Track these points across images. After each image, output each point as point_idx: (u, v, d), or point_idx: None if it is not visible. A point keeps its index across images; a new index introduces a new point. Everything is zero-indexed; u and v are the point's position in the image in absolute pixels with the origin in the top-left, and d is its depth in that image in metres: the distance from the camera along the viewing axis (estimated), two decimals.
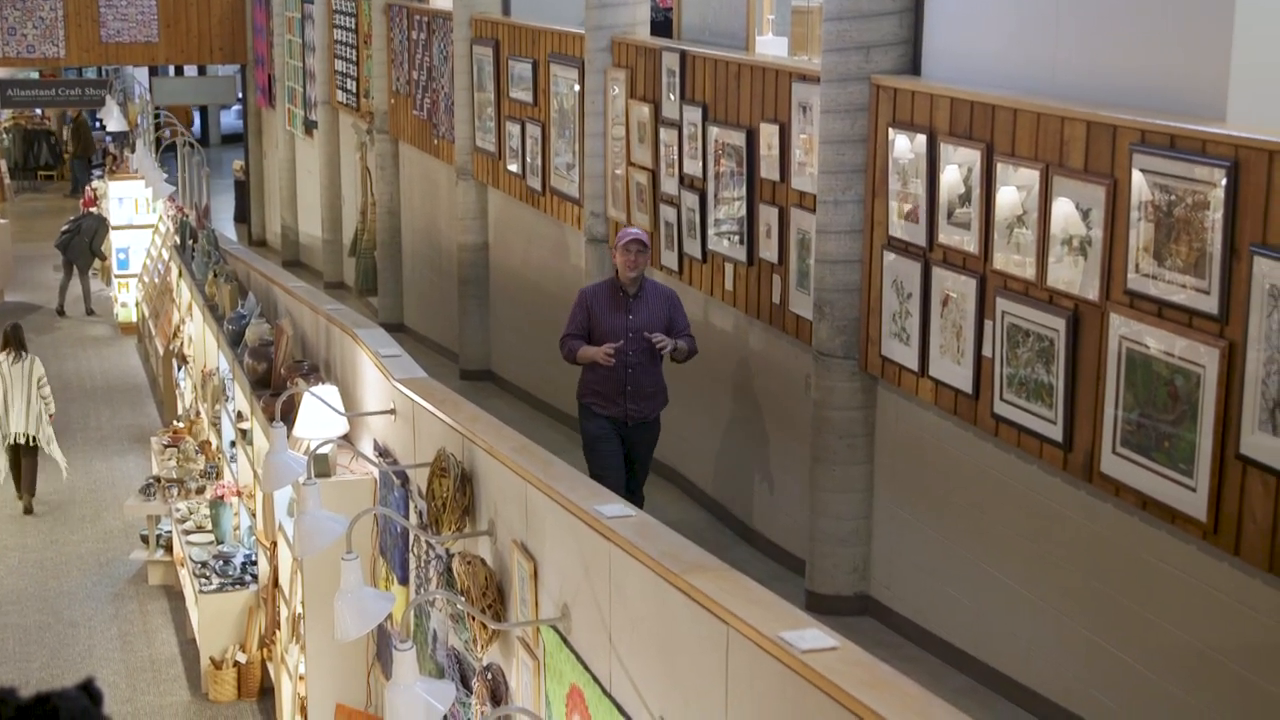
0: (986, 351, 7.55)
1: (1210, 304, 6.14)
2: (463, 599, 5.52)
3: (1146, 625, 6.80)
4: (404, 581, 6.73)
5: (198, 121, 35.86)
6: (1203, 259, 6.16)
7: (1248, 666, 6.26)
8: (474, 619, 5.55)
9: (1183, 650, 6.60)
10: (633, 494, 9.35)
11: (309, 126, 20.57)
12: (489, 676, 5.53)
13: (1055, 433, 7.11)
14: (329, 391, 7.47)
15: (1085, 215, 6.81)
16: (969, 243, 7.64)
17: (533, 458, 5.33)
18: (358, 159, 18.53)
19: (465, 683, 5.87)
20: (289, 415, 7.43)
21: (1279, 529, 5.89)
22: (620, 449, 9.42)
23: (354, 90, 18.38)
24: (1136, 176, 6.47)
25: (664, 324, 9.29)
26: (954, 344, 7.78)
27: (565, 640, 4.89)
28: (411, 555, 6.61)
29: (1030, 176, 7.15)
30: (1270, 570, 5.97)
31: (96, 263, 20.52)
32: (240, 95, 25.93)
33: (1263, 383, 5.89)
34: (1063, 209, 6.95)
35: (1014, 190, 7.27)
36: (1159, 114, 6.58)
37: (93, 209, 20.84)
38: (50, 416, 13.12)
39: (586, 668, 4.72)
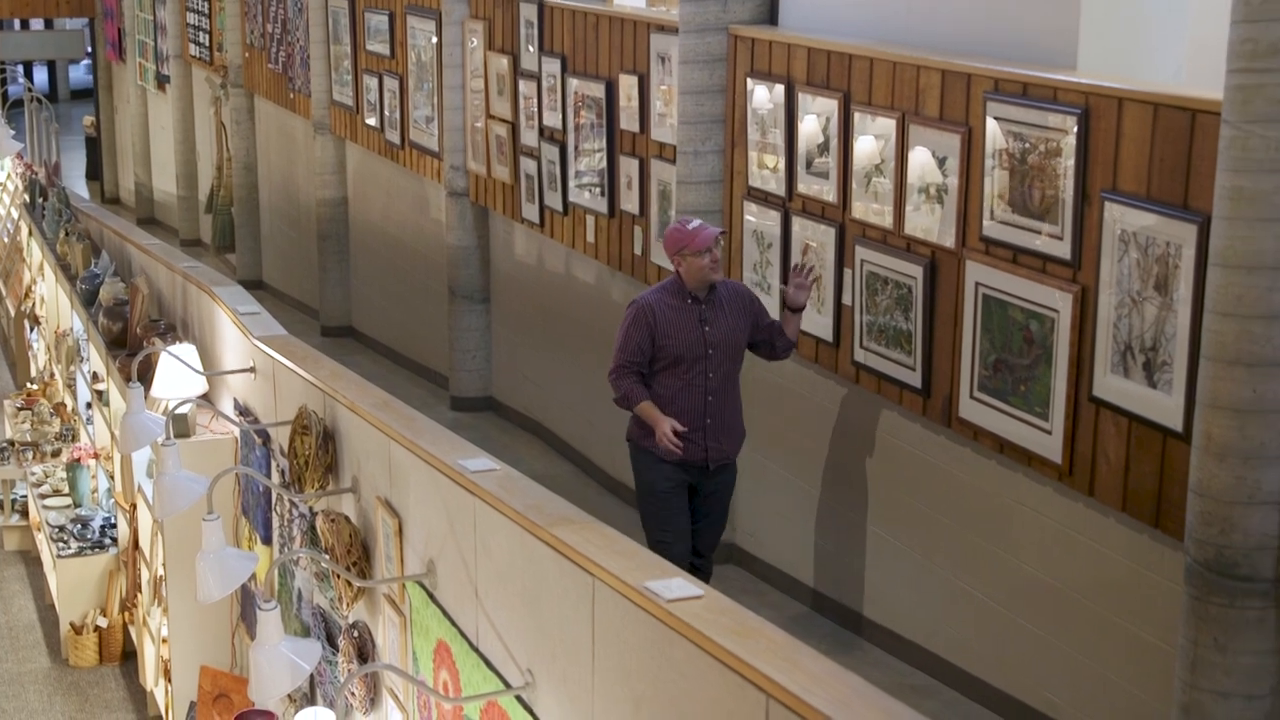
0: (846, 300, 7.62)
1: (1063, 249, 6.24)
2: (327, 557, 5.49)
3: (1005, 565, 6.93)
4: (267, 541, 6.68)
5: (45, 76, 35.00)
6: (1056, 205, 6.26)
7: (1101, 603, 6.41)
8: (339, 577, 5.52)
9: (1040, 588, 6.74)
10: (698, 558, 7.39)
11: (161, 81, 20.18)
12: (355, 634, 5.51)
13: (914, 379, 7.21)
14: (187, 350, 7.38)
15: (941, 163, 6.89)
16: (828, 192, 7.69)
17: (395, 413, 5.30)
18: (212, 114, 18.23)
19: (331, 641, 5.84)
20: (146, 375, 7.32)
21: (1131, 469, 6.03)
22: (689, 506, 7.34)
23: (207, 44, 18.06)
24: (991, 124, 6.56)
25: (747, 331, 7.33)
26: (814, 293, 7.84)
27: (431, 596, 4.88)
28: (274, 514, 6.56)
29: (887, 126, 7.21)
30: (1123, 509, 6.11)
31: None
32: (89, 49, 25.36)
33: (1114, 326, 6.01)
34: (919, 158, 7.02)
35: (871, 139, 7.33)
36: (1012, 63, 6.66)
37: None
38: None
39: (453, 623, 4.72)
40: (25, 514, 11.09)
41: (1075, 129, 6.12)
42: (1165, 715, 5.62)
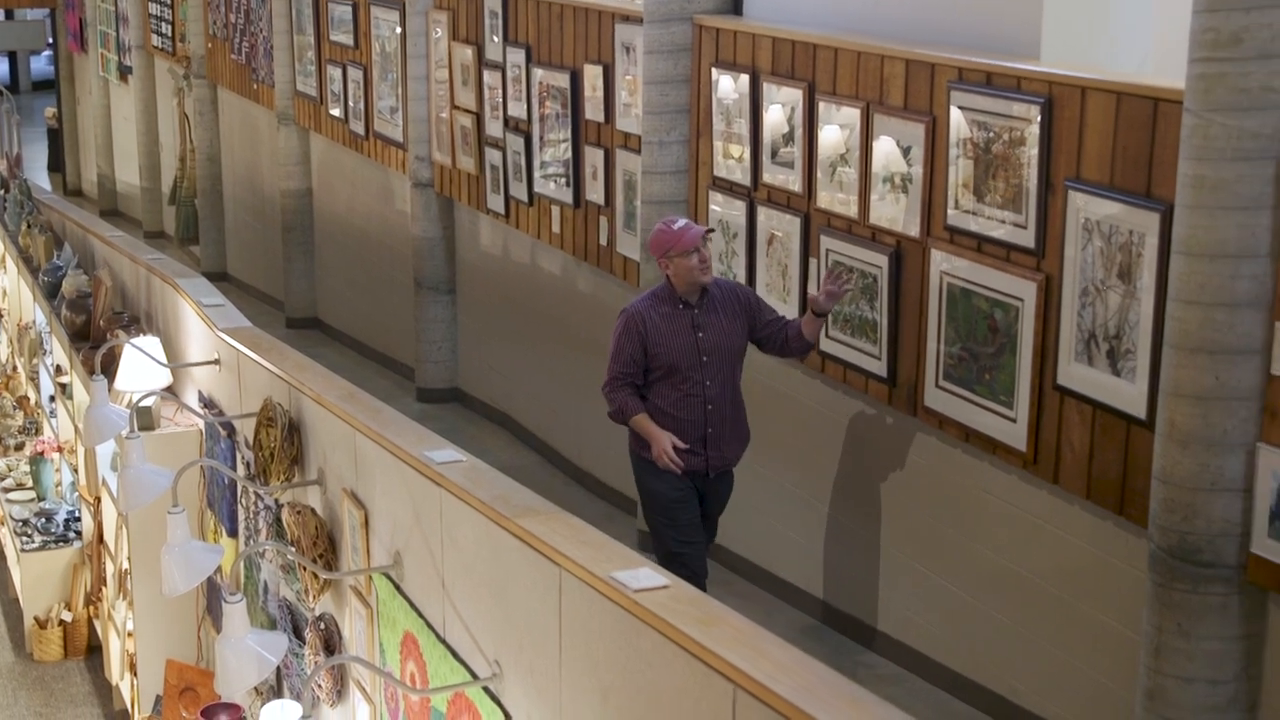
0: (811, 289, 7.63)
1: (1027, 238, 6.27)
2: (293, 549, 5.48)
3: (970, 553, 6.96)
4: (233, 533, 6.66)
5: (6, 67, 34.77)
6: (1020, 194, 6.28)
7: (1064, 589, 6.44)
8: (305, 569, 5.51)
9: (1004, 576, 6.76)
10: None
11: (124, 72, 20.06)
12: (322, 626, 5.50)
13: (880, 368, 7.22)
14: (150, 343, 7.34)
15: (906, 153, 6.91)
16: (793, 182, 7.70)
17: (360, 405, 5.29)
18: (175, 105, 18.14)
19: (298, 633, 5.83)
20: (110, 368, 7.29)
21: (1095, 457, 6.05)
22: (700, 513, 7.17)
23: (169, 34, 17.96)
24: (955, 114, 6.57)
25: (745, 332, 7.10)
26: (780, 283, 7.86)
27: (398, 587, 4.87)
28: (240, 507, 6.54)
29: (852, 115, 7.23)
30: (1087, 497, 6.14)
31: None
32: (51, 40, 25.20)
33: (1078, 314, 6.03)
34: (884, 147, 7.04)
35: (836, 129, 7.34)
36: (976, 52, 6.68)
37: None
38: None
39: (420, 614, 4.71)
40: None
41: (1039, 118, 6.14)
42: (1129, 701, 5.65)
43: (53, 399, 10.11)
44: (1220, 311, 5.09)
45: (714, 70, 8.21)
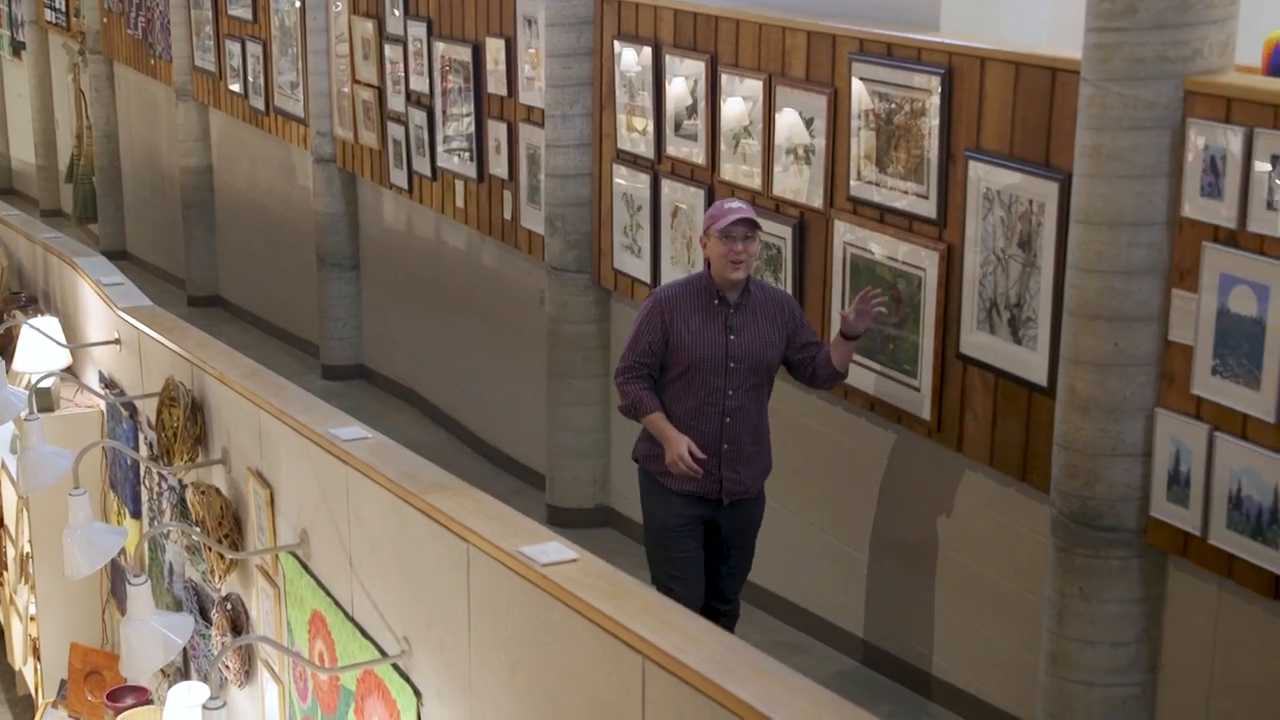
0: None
1: (929, 208, 6.32)
2: (198, 530, 5.44)
3: (877, 522, 7.02)
4: (136, 515, 6.60)
5: None
6: (921, 165, 6.33)
7: (969, 555, 6.51)
8: (210, 549, 5.47)
9: (911, 544, 6.83)
10: (722, 604, 6.45)
11: (17, 48, 19.74)
12: (228, 606, 5.47)
13: None
14: (49, 323, 7.25)
15: (808, 124, 6.94)
16: (697, 154, 7.71)
17: (264, 383, 5.25)
18: (70, 81, 17.87)
19: (204, 614, 5.79)
20: (7, 349, 7.20)
21: (998, 425, 6.12)
22: (703, 547, 6.33)
23: (64, 9, 17.68)
24: (856, 85, 6.61)
25: (780, 345, 6.27)
26: (684, 255, 7.87)
27: (305, 566, 4.85)
28: (143, 488, 6.48)
29: (754, 87, 7.24)
30: (990, 464, 6.21)
31: None
32: None
33: (980, 283, 6.09)
34: (787, 119, 7.06)
35: (739, 101, 7.36)
36: (876, 24, 6.71)
37: None
38: None
39: (328, 592, 4.69)
40: None
41: (939, 89, 6.18)
42: (1033, 664, 5.73)
43: None
44: (1118, 279, 5.16)
45: (616, 43, 8.20)
